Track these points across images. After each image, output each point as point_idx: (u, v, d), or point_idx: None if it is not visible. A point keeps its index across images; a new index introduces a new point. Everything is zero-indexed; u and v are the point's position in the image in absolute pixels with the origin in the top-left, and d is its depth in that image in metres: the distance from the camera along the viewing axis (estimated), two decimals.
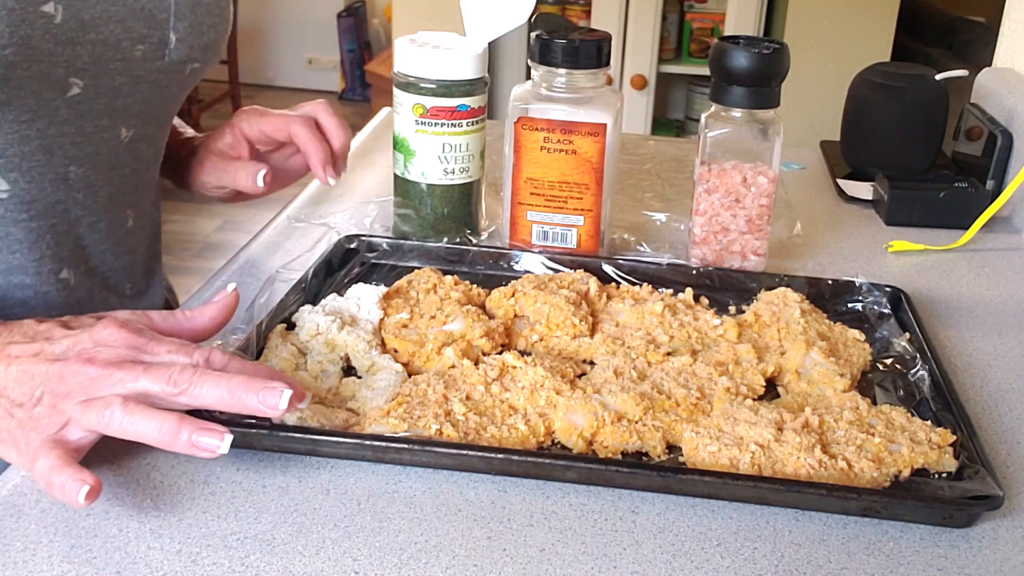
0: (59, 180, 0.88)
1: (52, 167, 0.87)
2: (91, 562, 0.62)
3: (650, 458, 0.74)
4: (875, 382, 0.85)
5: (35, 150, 0.85)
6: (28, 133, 0.84)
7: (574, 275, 0.97)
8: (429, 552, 0.64)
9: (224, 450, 0.66)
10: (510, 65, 3.28)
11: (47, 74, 0.82)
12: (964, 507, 0.68)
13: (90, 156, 0.90)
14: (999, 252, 1.17)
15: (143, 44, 0.89)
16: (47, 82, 0.82)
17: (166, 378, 0.66)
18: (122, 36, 0.87)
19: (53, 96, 0.84)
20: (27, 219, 0.87)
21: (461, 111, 1.02)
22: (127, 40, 0.87)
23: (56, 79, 0.83)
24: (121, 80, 0.89)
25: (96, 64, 0.85)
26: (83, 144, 0.88)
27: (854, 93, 1.36)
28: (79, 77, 0.85)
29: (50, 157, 0.86)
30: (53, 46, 0.81)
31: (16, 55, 0.78)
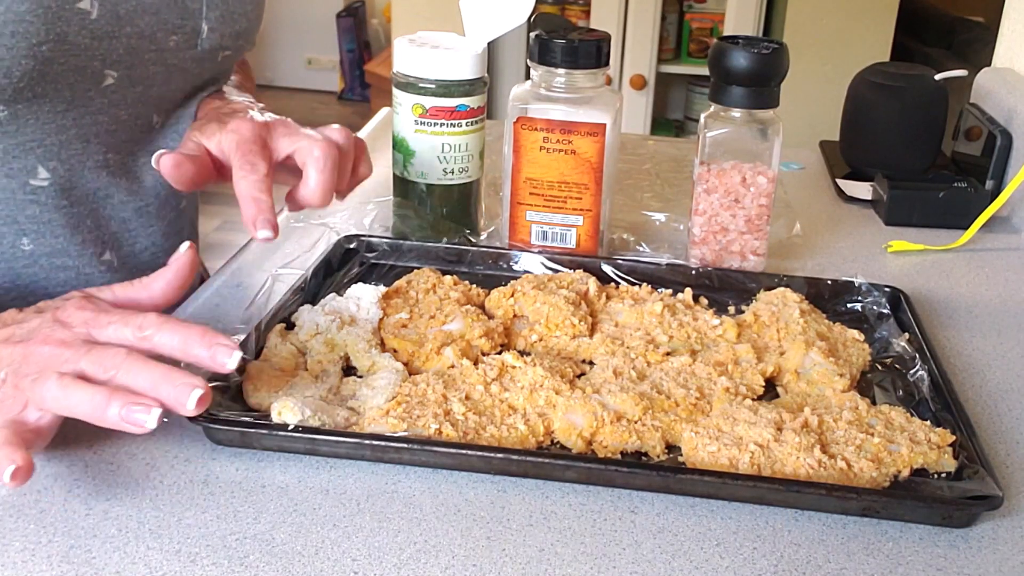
0: (99, 167, 0.91)
1: (90, 154, 0.90)
2: (90, 562, 0.62)
3: (649, 458, 0.74)
4: (874, 382, 0.85)
5: (72, 139, 0.88)
6: (64, 123, 0.86)
7: (573, 275, 0.97)
8: (428, 552, 0.64)
9: (152, 425, 0.64)
10: (509, 65, 3.28)
11: (83, 67, 0.84)
12: (963, 507, 0.68)
13: (126, 143, 0.92)
14: (998, 252, 1.17)
15: (176, 34, 0.91)
16: (83, 75, 0.84)
17: (98, 362, 0.66)
18: (156, 27, 0.89)
19: (88, 87, 0.86)
20: (68, 205, 0.90)
21: (460, 111, 1.02)
22: (161, 31, 0.89)
23: (92, 71, 0.85)
24: (155, 69, 0.91)
25: (131, 56, 0.87)
26: (118, 132, 0.91)
27: (853, 93, 1.36)
28: (114, 68, 0.87)
29: (87, 145, 0.89)
30: (90, 41, 0.83)
31: (52, 51, 0.80)
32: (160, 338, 0.68)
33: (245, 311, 0.90)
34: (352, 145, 0.89)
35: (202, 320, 0.92)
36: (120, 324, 0.68)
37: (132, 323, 0.68)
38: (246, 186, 0.80)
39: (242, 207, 0.80)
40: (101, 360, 0.66)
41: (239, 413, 0.75)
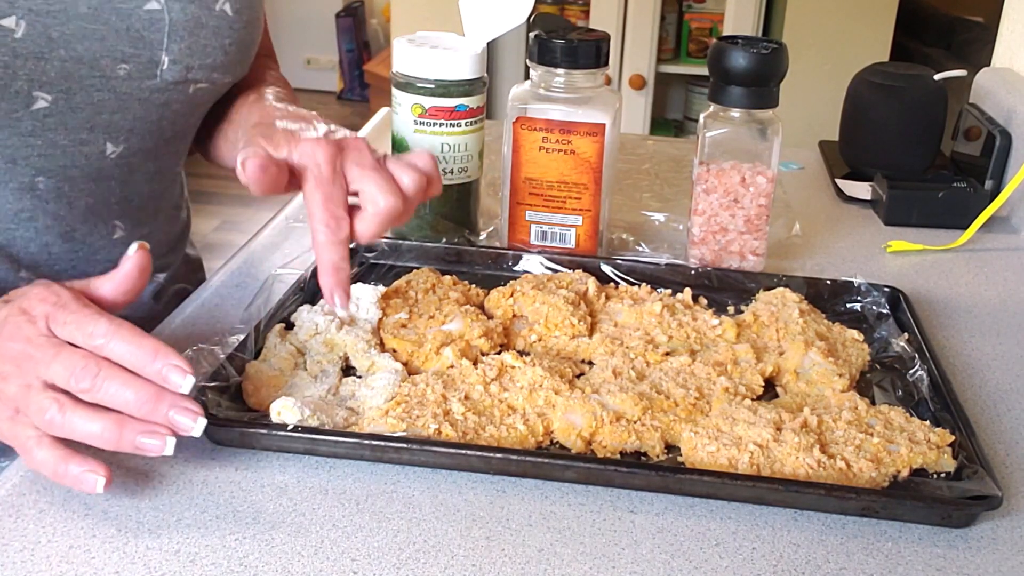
0: (23, 190, 0.87)
1: (14, 176, 0.86)
2: (89, 562, 0.62)
3: (649, 458, 0.74)
4: (874, 382, 0.85)
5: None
6: None
7: (573, 275, 0.97)
8: (428, 552, 0.64)
9: (169, 452, 0.66)
10: (509, 65, 3.28)
11: (4, 86, 0.80)
12: (963, 507, 0.68)
13: (64, 168, 0.88)
14: (998, 252, 1.17)
15: (128, 63, 0.87)
16: (4, 93, 0.81)
17: (70, 370, 0.66)
18: (100, 54, 0.85)
19: (14, 108, 0.82)
20: None
21: (460, 111, 1.02)
22: (106, 58, 0.85)
23: (16, 91, 0.81)
24: (102, 96, 0.87)
25: (66, 80, 0.84)
26: (56, 156, 0.87)
27: (853, 93, 1.36)
28: (46, 91, 0.83)
29: (12, 167, 0.85)
30: (11, 59, 0.80)
31: None
32: (111, 348, 0.66)
33: (244, 311, 0.90)
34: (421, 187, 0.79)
35: (202, 320, 0.92)
36: (74, 326, 0.67)
37: (84, 328, 0.67)
38: (329, 252, 0.75)
39: (321, 273, 0.75)
40: (72, 368, 0.65)
41: (238, 413, 0.75)
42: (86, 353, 0.66)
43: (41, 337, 0.67)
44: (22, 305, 0.69)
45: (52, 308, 0.67)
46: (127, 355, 0.66)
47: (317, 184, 0.75)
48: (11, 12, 0.79)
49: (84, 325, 0.66)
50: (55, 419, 0.65)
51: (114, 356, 0.66)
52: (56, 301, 0.68)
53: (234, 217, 4.03)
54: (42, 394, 0.66)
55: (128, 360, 0.66)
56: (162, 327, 0.91)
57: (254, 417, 0.75)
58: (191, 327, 0.91)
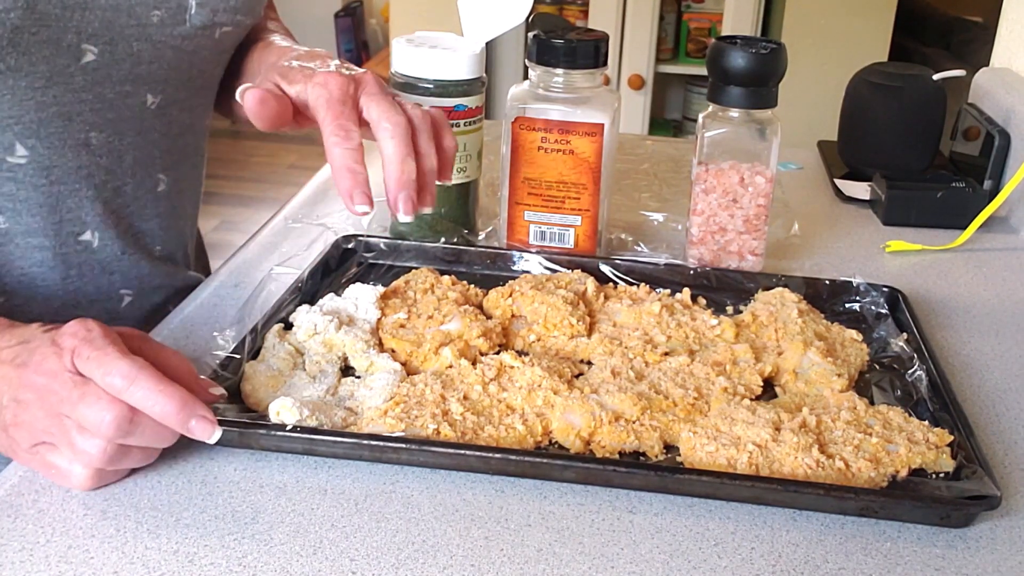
0: (80, 146, 0.89)
1: (72, 133, 0.88)
2: (88, 562, 0.62)
3: (647, 458, 0.74)
4: (872, 382, 0.85)
5: (52, 116, 0.86)
6: (44, 100, 0.85)
7: (571, 275, 0.97)
8: (427, 552, 0.64)
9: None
10: (507, 65, 3.28)
11: (57, 40, 0.83)
12: (961, 507, 0.68)
13: (112, 122, 0.91)
14: (997, 252, 1.17)
15: (159, 9, 0.89)
16: (58, 48, 0.83)
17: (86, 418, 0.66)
18: (135, 1, 0.87)
19: (67, 63, 0.85)
20: (46, 184, 0.89)
21: (458, 111, 1.02)
22: (141, 5, 0.88)
23: (68, 45, 0.84)
24: (140, 46, 0.89)
25: (109, 30, 0.86)
26: (104, 110, 0.89)
27: (851, 93, 1.36)
28: (92, 43, 0.85)
29: (69, 123, 0.87)
30: (61, 11, 0.82)
31: (22, 19, 0.79)
32: (131, 394, 0.66)
33: (243, 311, 0.90)
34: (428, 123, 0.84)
35: (200, 320, 0.92)
36: (95, 364, 0.66)
37: (104, 367, 0.66)
38: (341, 155, 0.78)
39: (337, 178, 0.78)
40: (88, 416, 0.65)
41: (237, 413, 0.75)
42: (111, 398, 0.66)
43: (65, 373, 0.67)
44: (54, 337, 0.69)
45: (79, 343, 0.67)
46: (149, 404, 0.66)
47: (328, 107, 0.80)
48: None
49: (104, 365, 0.66)
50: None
51: (135, 403, 0.66)
52: (85, 336, 0.67)
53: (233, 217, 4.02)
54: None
55: (151, 410, 0.66)
56: (161, 327, 0.91)
57: (253, 417, 0.75)
58: (190, 327, 0.91)
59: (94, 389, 0.66)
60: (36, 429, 0.68)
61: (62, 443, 0.67)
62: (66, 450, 0.67)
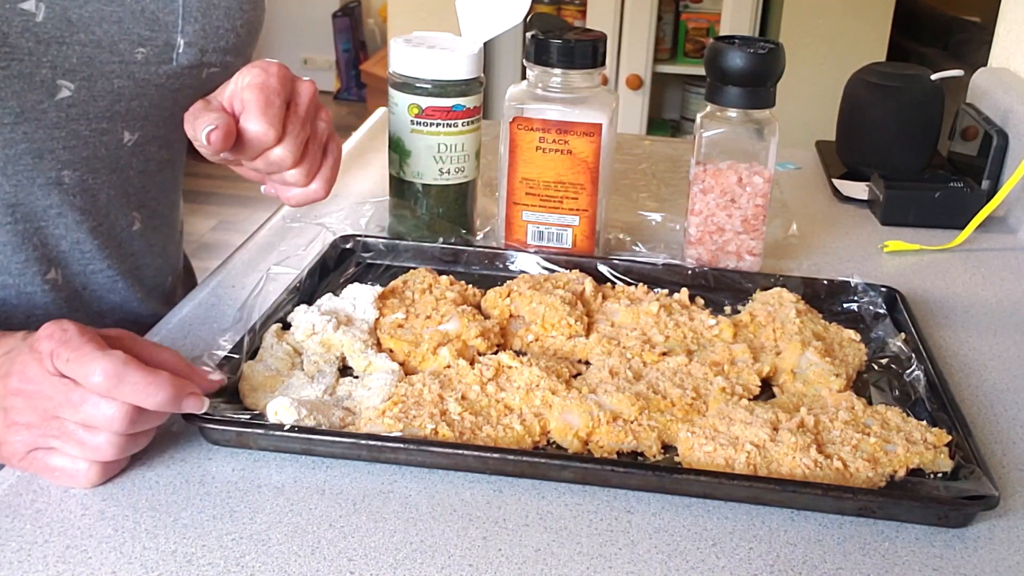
0: (51, 184, 0.86)
1: (42, 171, 0.85)
2: (86, 562, 0.62)
3: (645, 458, 0.74)
4: (871, 382, 0.85)
5: (22, 153, 0.83)
6: (13, 136, 0.82)
7: (569, 275, 0.97)
8: (424, 552, 0.64)
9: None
10: (505, 65, 3.28)
11: (30, 74, 0.80)
12: (959, 507, 0.68)
13: (87, 160, 0.88)
14: (994, 252, 1.17)
15: (144, 47, 0.87)
16: (30, 83, 0.80)
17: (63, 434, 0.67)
18: (118, 38, 0.85)
19: (40, 99, 0.82)
20: (11, 222, 0.86)
21: (457, 111, 1.02)
22: (124, 42, 0.85)
23: (41, 80, 0.81)
24: (121, 83, 0.87)
25: (88, 66, 0.83)
26: (78, 148, 0.87)
27: (849, 93, 1.36)
28: (69, 79, 0.83)
29: (39, 160, 0.84)
30: (35, 45, 0.79)
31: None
32: (122, 393, 0.65)
33: (241, 311, 0.90)
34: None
35: (198, 320, 0.92)
36: (75, 365, 0.66)
37: (83, 368, 0.65)
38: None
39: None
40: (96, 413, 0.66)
41: (235, 413, 0.75)
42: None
43: (50, 377, 0.66)
44: (31, 343, 0.68)
45: (56, 345, 0.66)
46: (141, 398, 0.66)
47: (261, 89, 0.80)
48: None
49: (85, 365, 0.65)
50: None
51: (126, 399, 0.66)
52: (61, 337, 0.67)
53: (231, 217, 4.02)
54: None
55: (144, 403, 0.66)
56: (159, 327, 0.91)
57: (251, 417, 0.75)
58: (187, 327, 0.91)
59: (80, 390, 0.66)
60: (31, 435, 0.67)
61: (67, 443, 0.67)
62: (73, 448, 0.67)
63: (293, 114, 0.82)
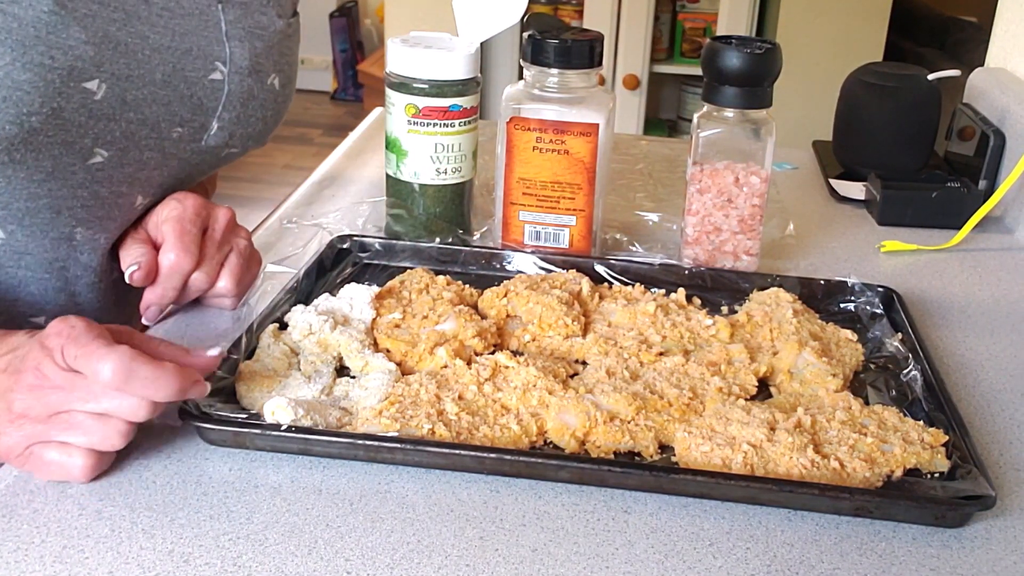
0: (62, 239, 0.88)
1: (57, 226, 0.86)
2: (83, 562, 0.62)
3: (642, 458, 0.74)
4: (867, 382, 0.85)
5: (42, 208, 0.85)
6: (38, 191, 0.83)
7: (566, 275, 0.97)
8: (421, 552, 0.64)
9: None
10: (502, 65, 3.28)
11: (72, 143, 0.82)
12: (957, 507, 0.68)
13: (101, 219, 0.89)
14: (992, 252, 1.17)
15: (182, 127, 0.89)
16: (70, 149, 0.82)
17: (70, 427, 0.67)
18: (162, 117, 0.87)
19: (73, 162, 0.83)
20: (13, 267, 0.87)
21: (453, 111, 1.02)
22: (166, 121, 0.88)
23: (81, 148, 0.83)
24: (150, 155, 0.89)
25: (127, 139, 0.86)
26: (95, 208, 0.88)
27: (846, 93, 1.36)
28: (105, 148, 0.84)
29: (56, 216, 0.86)
30: (86, 119, 0.81)
31: (43, 123, 0.78)
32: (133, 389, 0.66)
33: (238, 311, 0.90)
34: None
35: (195, 320, 0.92)
36: (83, 361, 0.66)
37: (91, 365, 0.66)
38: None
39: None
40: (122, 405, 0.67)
41: (232, 413, 0.75)
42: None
43: (62, 372, 0.67)
44: (40, 340, 0.69)
45: (65, 341, 0.67)
46: (151, 392, 0.67)
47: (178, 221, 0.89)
48: (96, 76, 0.80)
49: (92, 362, 0.66)
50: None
51: (137, 394, 0.66)
52: (69, 334, 0.67)
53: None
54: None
55: (154, 396, 0.67)
56: (156, 328, 0.91)
57: (248, 417, 0.74)
58: (185, 327, 0.91)
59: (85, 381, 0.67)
60: (34, 429, 0.67)
61: (73, 434, 0.67)
62: (79, 437, 0.67)
63: (209, 239, 0.91)
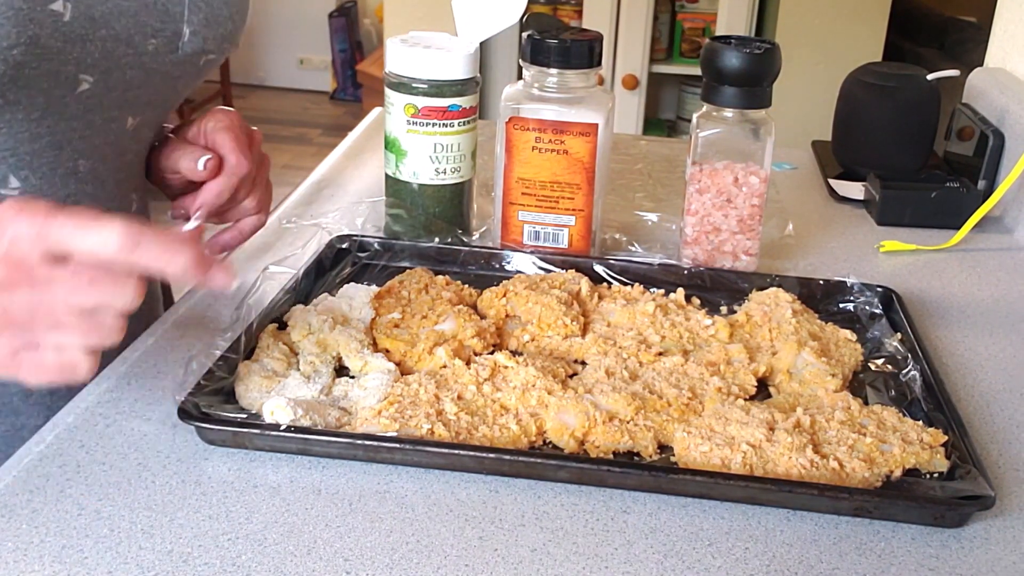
0: (68, 175, 0.88)
1: (62, 162, 0.87)
2: (82, 562, 0.62)
3: (641, 458, 0.74)
4: (866, 382, 0.85)
5: (45, 147, 0.85)
6: (38, 131, 0.84)
7: (565, 275, 0.97)
8: (420, 552, 0.64)
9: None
10: (501, 65, 3.28)
11: (56, 72, 0.82)
12: (956, 507, 0.68)
13: (98, 148, 0.90)
14: (990, 252, 1.17)
15: (156, 38, 0.89)
16: (56, 80, 0.82)
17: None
18: (134, 31, 0.87)
19: (63, 93, 0.84)
20: None
21: (452, 111, 1.02)
22: (139, 34, 0.87)
23: (66, 76, 0.83)
24: (133, 73, 0.89)
25: (107, 60, 0.85)
26: (91, 137, 0.89)
27: (846, 93, 1.36)
28: (89, 73, 0.85)
29: (59, 152, 0.86)
30: (63, 44, 0.81)
31: (24, 55, 0.78)
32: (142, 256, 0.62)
33: (237, 311, 0.90)
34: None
35: (195, 320, 0.92)
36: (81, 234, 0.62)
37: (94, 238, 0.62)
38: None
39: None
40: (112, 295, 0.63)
41: (231, 413, 0.75)
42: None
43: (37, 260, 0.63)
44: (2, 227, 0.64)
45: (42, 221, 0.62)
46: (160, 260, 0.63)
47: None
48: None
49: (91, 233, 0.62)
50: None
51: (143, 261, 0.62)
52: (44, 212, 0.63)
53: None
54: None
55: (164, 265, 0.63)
56: (156, 327, 0.91)
57: (247, 417, 0.75)
58: (184, 327, 0.91)
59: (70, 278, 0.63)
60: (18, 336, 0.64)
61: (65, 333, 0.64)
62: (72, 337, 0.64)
63: (254, 154, 0.95)
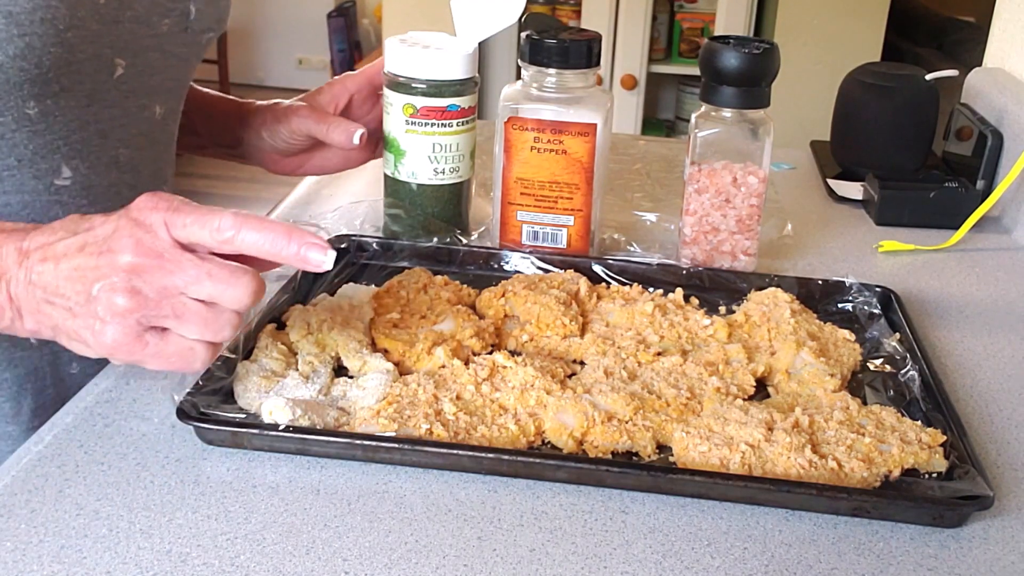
0: (111, 164, 0.89)
1: (107, 150, 0.88)
2: (81, 562, 0.62)
3: (640, 458, 0.74)
4: (865, 382, 0.85)
5: (92, 135, 0.86)
6: (86, 118, 0.85)
7: (564, 275, 0.97)
8: (419, 552, 0.64)
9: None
10: (500, 65, 3.28)
11: (98, 55, 0.83)
12: (954, 507, 0.68)
13: (135, 136, 0.91)
14: (989, 252, 1.17)
15: (168, 17, 0.90)
16: (98, 64, 0.84)
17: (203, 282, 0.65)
18: (151, 11, 0.88)
19: (104, 78, 0.85)
20: (87, 204, 0.88)
21: (451, 111, 1.02)
22: (156, 14, 0.89)
23: (105, 60, 0.84)
24: (153, 56, 0.90)
25: (134, 42, 0.87)
26: (129, 125, 0.90)
27: (844, 93, 1.36)
28: (122, 57, 0.86)
29: (105, 140, 0.88)
30: (100, 26, 0.82)
31: (75, 38, 0.80)
32: (242, 239, 0.65)
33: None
34: None
35: None
36: (196, 226, 0.65)
37: (209, 224, 0.65)
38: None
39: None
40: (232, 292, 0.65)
41: (230, 413, 0.75)
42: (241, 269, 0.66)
43: (173, 249, 0.65)
44: (134, 217, 0.66)
45: (168, 214, 0.65)
46: (261, 243, 0.66)
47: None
48: None
49: (207, 222, 0.65)
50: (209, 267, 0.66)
51: (246, 248, 0.65)
52: (169, 205, 0.66)
53: None
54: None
55: (263, 249, 0.66)
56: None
57: (245, 417, 0.75)
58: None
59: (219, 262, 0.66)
60: (145, 315, 0.65)
61: (184, 323, 0.66)
62: (190, 329, 0.66)
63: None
